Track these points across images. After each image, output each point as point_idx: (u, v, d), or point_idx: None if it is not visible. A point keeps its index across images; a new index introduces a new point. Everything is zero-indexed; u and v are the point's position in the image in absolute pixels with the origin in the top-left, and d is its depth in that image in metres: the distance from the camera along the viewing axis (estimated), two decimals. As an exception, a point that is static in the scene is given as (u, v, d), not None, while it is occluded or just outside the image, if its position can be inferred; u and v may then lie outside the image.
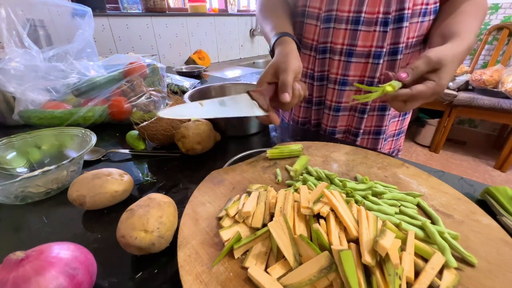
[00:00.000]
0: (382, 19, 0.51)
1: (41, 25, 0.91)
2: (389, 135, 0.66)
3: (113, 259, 0.30)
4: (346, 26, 0.53)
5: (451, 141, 2.40)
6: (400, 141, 0.70)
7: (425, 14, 0.51)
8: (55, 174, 0.38)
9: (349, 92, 0.59)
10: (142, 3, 1.46)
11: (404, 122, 0.67)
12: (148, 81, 0.75)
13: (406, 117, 0.66)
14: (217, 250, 0.28)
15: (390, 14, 0.50)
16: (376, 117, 0.61)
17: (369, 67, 0.55)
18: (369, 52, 0.54)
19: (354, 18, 0.52)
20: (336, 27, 0.54)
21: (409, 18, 0.50)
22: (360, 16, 0.51)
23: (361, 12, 0.51)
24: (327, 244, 0.25)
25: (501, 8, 2.00)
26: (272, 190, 0.35)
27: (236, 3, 1.99)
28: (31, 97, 0.63)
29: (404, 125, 0.67)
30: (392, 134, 0.66)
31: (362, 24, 0.52)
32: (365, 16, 0.51)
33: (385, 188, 0.37)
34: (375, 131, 0.63)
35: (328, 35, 0.56)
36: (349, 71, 0.57)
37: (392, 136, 0.67)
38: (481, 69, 1.88)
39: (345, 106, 0.61)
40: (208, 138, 0.50)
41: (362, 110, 0.60)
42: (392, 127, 0.65)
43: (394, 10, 0.50)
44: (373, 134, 0.64)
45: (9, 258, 0.21)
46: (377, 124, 0.62)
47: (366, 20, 0.51)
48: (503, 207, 0.33)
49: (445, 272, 0.24)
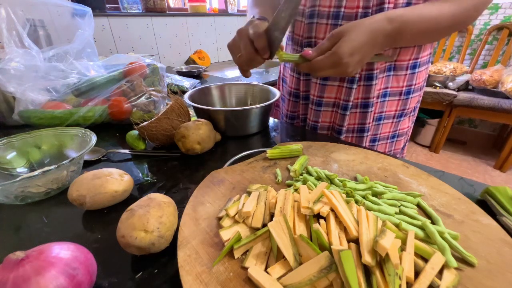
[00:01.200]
0: (362, 13, 0.51)
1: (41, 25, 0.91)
2: (382, 137, 0.64)
3: (113, 259, 0.30)
4: (327, 21, 0.54)
5: (451, 141, 2.40)
6: (398, 145, 0.67)
7: None
8: (55, 174, 0.38)
9: (331, 87, 0.60)
10: (142, 3, 1.46)
11: (399, 124, 0.64)
12: (148, 81, 0.75)
13: (401, 120, 0.63)
14: (217, 250, 0.28)
15: (370, 9, 0.50)
16: (358, 114, 0.61)
17: None
18: None
19: (335, 13, 0.53)
20: (319, 22, 0.55)
21: None
22: (339, 11, 0.52)
23: (340, 7, 0.52)
24: (327, 244, 0.25)
25: (501, 8, 2.00)
26: (272, 190, 0.35)
27: (236, 3, 1.99)
28: (31, 97, 0.63)
29: (400, 128, 0.64)
30: (386, 137, 0.65)
31: (342, 18, 0.53)
32: (345, 11, 0.52)
33: (385, 188, 0.37)
34: (359, 129, 0.63)
35: (312, 30, 0.57)
36: None
37: (386, 139, 0.65)
38: (481, 69, 1.88)
39: (327, 101, 0.62)
40: (208, 138, 0.50)
41: (344, 106, 0.60)
42: (385, 128, 0.63)
43: (374, 4, 0.50)
44: (357, 132, 0.63)
45: (9, 258, 0.21)
46: (360, 121, 0.62)
47: (346, 14, 0.52)
48: (503, 207, 0.33)
49: (445, 272, 0.24)
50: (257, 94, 0.71)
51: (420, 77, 0.59)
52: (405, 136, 0.68)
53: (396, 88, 0.58)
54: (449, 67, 1.97)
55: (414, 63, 0.56)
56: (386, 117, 0.62)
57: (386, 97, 0.59)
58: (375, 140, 0.64)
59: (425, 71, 0.60)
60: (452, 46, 2.25)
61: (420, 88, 0.61)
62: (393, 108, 0.61)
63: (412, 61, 0.56)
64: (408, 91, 0.59)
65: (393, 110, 0.61)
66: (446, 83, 1.94)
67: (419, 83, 0.60)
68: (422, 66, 0.58)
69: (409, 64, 0.56)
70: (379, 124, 0.63)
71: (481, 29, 2.11)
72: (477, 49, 2.14)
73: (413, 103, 0.62)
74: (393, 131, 0.65)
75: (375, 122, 0.62)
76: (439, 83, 1.96)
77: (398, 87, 0.58)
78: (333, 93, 0.61)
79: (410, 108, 0.62)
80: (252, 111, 0.57)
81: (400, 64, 0.56)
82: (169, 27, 1.59)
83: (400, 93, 0.59)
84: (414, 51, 0.55)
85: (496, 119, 1.84)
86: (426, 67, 0.60)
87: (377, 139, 0.64)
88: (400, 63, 0.56)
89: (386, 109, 0.61)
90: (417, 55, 0.56)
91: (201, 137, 0.49)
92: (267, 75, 1.43)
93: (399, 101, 0.60)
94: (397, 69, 0.56)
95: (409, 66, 0.56)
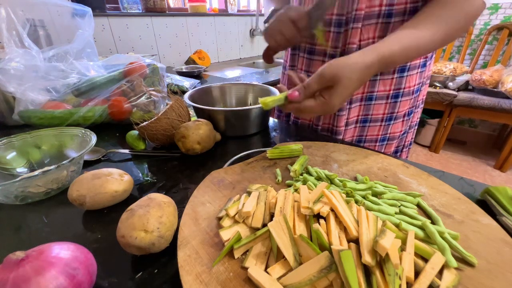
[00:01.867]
0: (336, 20, 0.54)
1: (41, 25, 0.91)
2: (369, 139, 0.64)
3: (113, 259, 0.30)
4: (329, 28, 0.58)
5: (451, 141, 2.40)
6: (388, 148, 0.66)
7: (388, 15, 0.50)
8: (55, 174, 0.38)
9: None
10: (142, 3, 1.46)
11: (390, 128, 0.63)
12: (148, 81, 0.75)
13: (391, 123, 0.62)
14: (217, 250, 0.28)
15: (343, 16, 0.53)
16: (332, 116, 0.63)
17: None
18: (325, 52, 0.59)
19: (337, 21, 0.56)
20: None
21: (362, 19, 0.51)
22: None
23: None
24: (327, 244, 0.25)
25: (501, 8, 2.00)
26: (272, 190, 0.35)
27: (236, 3, 1.99)
28: (31, 97, 0.63)
29: (390, 132, 0.63)
30: (374, 139, 0.64)
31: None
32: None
33: (385, 188, 0.37)
34: (332, 130, 0.64)
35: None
36: (311, 68, 0.62)
37: (374, 141, 0.64)
38: (481, 69, 1.88)
39: None
40: (208, 138, 0.50)
41: None
42: (373, 131, 0.63)
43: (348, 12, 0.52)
44: (331, 132, 0.65)
45: (9, 258, 0.21)
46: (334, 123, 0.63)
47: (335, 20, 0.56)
48: (503, 207, 0.33)
49: (445, 272, 0.24)
50: (257, 94, 0.71)
51: (410, 81, 0.58)
52: (397, 140, 0.66)
53: (383, 92, 0.59)
54: (449, 67, 1.97)
55: (402, 67, 0.56)
56: (372, 120, 0.62)
57: (372, 101, 0.60)
58: (360, 141, 0.65)
59: (418, 75, 0.58)
60: (452, 46, 2.25)
61: (412, 92, 0.59)
62: (380, 112, 0.61)
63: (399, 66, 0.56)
64: (396, 95, 0.59)
65: (381, 113, 0.61)
66: (446, 83, 1.94)
67: (410, 87, 0.58)
68: (412, 70, 0.57)
69: (396, 68, 0.56)
70: (364, 126, 0.63)
71: (481, 29, 2.11)
72: (477, 49, 2.14)
73: (403, 107, 0.60)
74: (383, 134, 0.64)
75: (360, 124, 0.63)
76: (439, 83, 1.96)
77: (385, 90, 0.58)
78: None
79: (400, 112, 0.61)
80: (252, 111, 0.57)
81: None
82: (169, 27, 1.59)
83: (387, 96, 0.59)
84: None
85: (496, 119, 1.84)
86: (419, 72, 0.58)
87: (363, 140, 0.65)
88: None
89: (373, 112, 0.61)
90: None
91: (201, 137, 0.49)
92: (267, 75, 1.43)
93: (387, 104, 0.60)
94: (384, 73, 0.57)
95: (396, 70, 0.56)
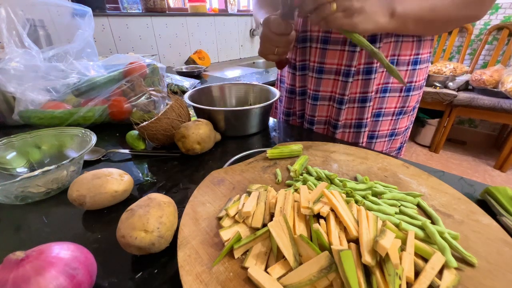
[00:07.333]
0: None
1: (41, 25, 0.91)
2: (380, 135, 0.64)
3: (113, 259, 0.30)
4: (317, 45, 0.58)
5: (451, 141, 2.40)
6: (394, 144, 0.66)
7: None
8: (55, 174, 0.38)
9: (327, 81, 0.61)
10: (142, 3, 1.46)
11: (398, 122, 0.63)
12: (148, 81, 0.75)
13: (400, 118, 0.63)
14: (217, 250, 0.28)
15: None
16: (356, 109, 0.61)
17: (345, 55, 0.56)
18: (345, 40, 0.57)
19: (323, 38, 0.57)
20: (312, 46, 0.60)
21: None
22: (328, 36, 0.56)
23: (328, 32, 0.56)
24: (327, 244, 0.25)
25: (501, 8, 2.00)
26: (272, 190, 0.35)
27: (236, 3, 1.99)
28: (31, 97, 0.63)
29: (398, 126, 0.64)
30: (384, 135, 0.64)
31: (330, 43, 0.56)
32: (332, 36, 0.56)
33: (385, 188, 0.37)
34: (356, 124, 0.62)
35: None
36: (325, 59, 0.59)
37: (384, 136, 0.64)
38: (481, 69, 1.88)
39: (323, 95, 0.63)
40: (208, 138, 0.50)
41: (340, 100, 0.60)
42: (384, 126, 0.63)
43: None
44: (354, 127, 0.63)
45: (9, 258, 0.21)
46: (358, 116, 0.61)
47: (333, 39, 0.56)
48: (503, 207, 0.33)
49: (445, 272, 0.24)
50: (257, 94, 0.71)
51: (420, 75, 0.59)
52: (402, 136, 0.67)
53: (397, 84, 0.59)
54: (449, 67, 1.97)
55: (415, 59, 0.56)
56: (385, 113, 0.62)
57: (386, 93, 0.59)
58: (373, 137, 0.64)
59: (425, 70, 0.60)
60: (452, 46, 2.25)
61: (420, 87, 0.61)
62: (393, 105, 0.61)
63: (413, 57, 0.56)
64: (409, 88, 0.59)
65: (393, 107, 0.61)
66: (446, 83, 1.94)
67: (419, 81, 0.60)
68: (422, 64, 0.58)
69: (411, 60, 0.56)
70: (378, 120, 0.62)
71: (481, 29, 2.11)
72: (477, 49, 2.14)
73: (412, 101, 0.62)
74: (392, 129, 0.64)
75: (373, 118, 0.62)
76: (439, 83, 1.96)
77: (399, 83, 0.58)
78: (329, 87, 0.61)
79: (410, 107, 0.62)
80: (252, 111, 0.57)
81: (401, 59, 0.56)
82: (169, 27, 1.59)
83: (401, 89, 0.59)
84: (414, 46, 0.55)
85: (496, 119, 1.84)
86: (426, 66, 0.60)
87: (375, 136, 0.64)
88: (402, 58, 0.56)
89: (386, 105, 0.61)
90: (418, 51, 0.56)
91: (201, 137, 0.49)
92: (267, 75, 1.43)
93: (399, 98, 0.60)
94: (399, 63, 0.56)
95: (410, 61, 0.56)
